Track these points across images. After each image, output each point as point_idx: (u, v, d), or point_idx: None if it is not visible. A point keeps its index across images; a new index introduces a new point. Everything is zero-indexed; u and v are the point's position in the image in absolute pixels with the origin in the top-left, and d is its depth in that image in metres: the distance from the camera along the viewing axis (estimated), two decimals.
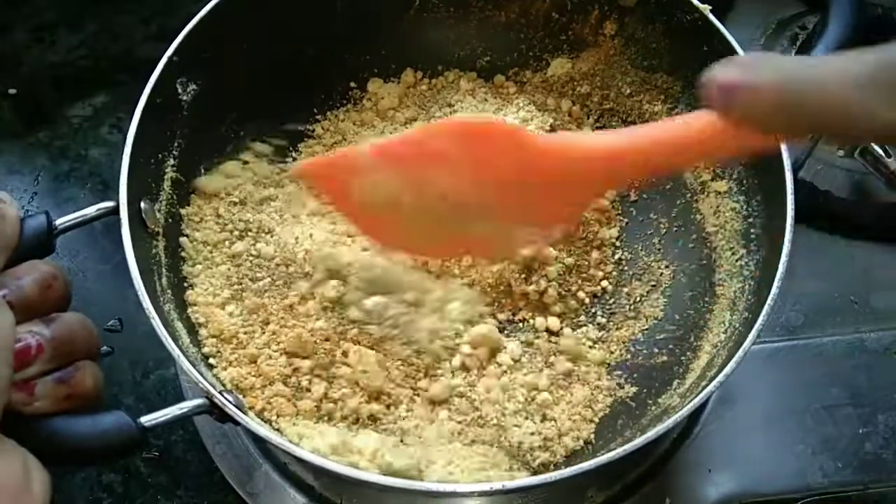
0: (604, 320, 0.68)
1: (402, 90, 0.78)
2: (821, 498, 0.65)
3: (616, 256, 0.71)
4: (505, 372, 0.64)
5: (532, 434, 0.60)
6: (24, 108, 0.88)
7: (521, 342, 0.66)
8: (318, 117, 0.76)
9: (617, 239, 0.72)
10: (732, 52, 0.64)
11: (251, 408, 0.58)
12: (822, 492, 0.65)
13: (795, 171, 0.59)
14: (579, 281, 0.69)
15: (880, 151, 0.73)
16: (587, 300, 0.69)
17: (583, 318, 0.68)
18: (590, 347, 0.66)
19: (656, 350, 0.65)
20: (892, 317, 0.73)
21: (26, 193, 0.82)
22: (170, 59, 0.62)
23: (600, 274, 0.70)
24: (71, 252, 0.78)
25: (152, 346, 0.72)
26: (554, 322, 0.67)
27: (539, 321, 0.67)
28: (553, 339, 0.67)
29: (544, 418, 0.61)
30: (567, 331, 0.67)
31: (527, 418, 0.61)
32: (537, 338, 0.67)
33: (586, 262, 0.70)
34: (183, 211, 0.65)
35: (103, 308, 0.75)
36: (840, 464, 0.66)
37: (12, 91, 0.88)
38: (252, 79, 0.70)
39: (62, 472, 0.68)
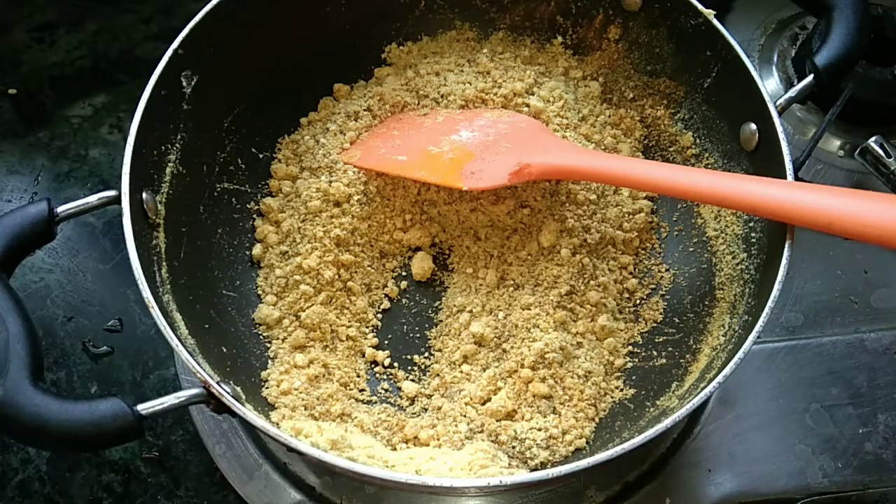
0: None
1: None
2: (821, 498, 0.66)
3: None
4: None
5: (539, 430, 0.60)
6: (24, 108, 0.88)
7: None
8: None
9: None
10: (736, 57, 0.64)
11: None
12: (822, 492, 0.66)
13: (796, 170, 0.59)
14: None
15: (880, 151, 0.73)
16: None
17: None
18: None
19: (655, 353, 0.65)
20: (892, 317, 0.74)
21: (26, 193, 0.82)
22: (175, 51, 0.63)
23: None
24: (71, 252, 0.78)
25: (152, 346, 0.73)
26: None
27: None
28: None
29: (554, 411, 0.61)
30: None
31: (537, 411, 0.61)
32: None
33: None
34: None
35: (103, 308, 0.75)
36: (840, 464, 0.67)
37: (12, 91, 0.88)
38: (254, 76, 0.71)
39: (62, 470, 0.68)
